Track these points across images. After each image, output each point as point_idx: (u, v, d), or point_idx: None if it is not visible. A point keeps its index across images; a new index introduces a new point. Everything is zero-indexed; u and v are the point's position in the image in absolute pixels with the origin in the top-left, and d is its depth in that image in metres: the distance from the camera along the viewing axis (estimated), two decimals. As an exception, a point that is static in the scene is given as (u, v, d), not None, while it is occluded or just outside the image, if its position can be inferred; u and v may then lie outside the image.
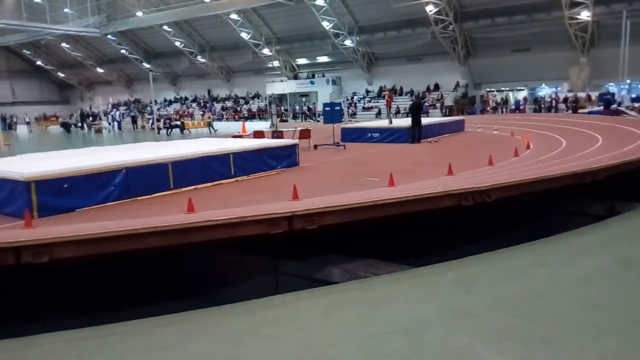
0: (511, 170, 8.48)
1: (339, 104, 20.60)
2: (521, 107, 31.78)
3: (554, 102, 30.74)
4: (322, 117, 23.13)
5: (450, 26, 30.80)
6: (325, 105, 18.63)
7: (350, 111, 35.87)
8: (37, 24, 37.37)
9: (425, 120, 17.50)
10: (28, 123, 41.99)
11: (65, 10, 37.76)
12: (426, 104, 32.62)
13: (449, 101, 34.15)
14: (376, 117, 33.05)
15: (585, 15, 27.02)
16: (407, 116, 20.01)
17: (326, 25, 34.34)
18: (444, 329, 3.16)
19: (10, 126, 40.97)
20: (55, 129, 42.33)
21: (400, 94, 36.50)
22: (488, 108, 33.28)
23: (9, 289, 3.83)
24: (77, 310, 3.93)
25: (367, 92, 39.13)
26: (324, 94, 38.93)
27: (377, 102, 36.90)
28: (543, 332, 3.05)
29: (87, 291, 4.18)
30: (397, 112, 31.96)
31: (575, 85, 29.97)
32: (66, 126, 37.83)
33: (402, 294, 3.93)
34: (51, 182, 7.19)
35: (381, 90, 37.65)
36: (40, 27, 37.77)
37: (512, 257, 4.61)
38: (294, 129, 16.22)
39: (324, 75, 40.56)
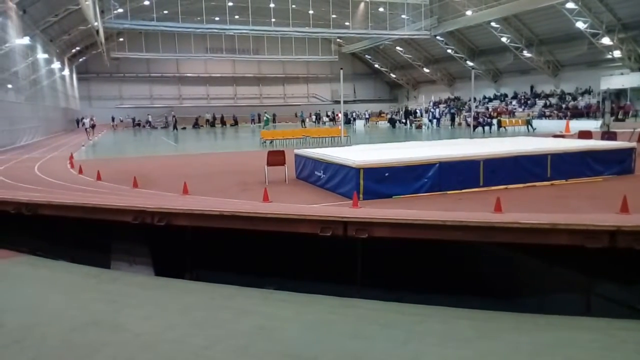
0: None
1: None
2: None
3: None
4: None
5: None
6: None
7: None
8: (378, 31, 43.25)
9: None
10: (365, 118, 48.98)
11: (402, 16, 42.17)
12: None
13: None
14: None
15: None
16: None
17: (697, 1, 27.41)
18: None
19: (349, 121, 48.55)
20: (383, 124, 47.88)
21: None
22: None
23: (337, 257, 4.61)
24: (384, 285, 4.41)
25: None
26: (683, 88, 31.33)
27: None
28: None
29: (396, 270, 4.63)
30: None
31: None
32: (392, 122, 42.22)
33: None
34: (375, 170, 8.26)
35: None
36: (381, 33, 43.59)
37: None
38: (632, 129, 13.75)
39: (685, 65, 32.60)
